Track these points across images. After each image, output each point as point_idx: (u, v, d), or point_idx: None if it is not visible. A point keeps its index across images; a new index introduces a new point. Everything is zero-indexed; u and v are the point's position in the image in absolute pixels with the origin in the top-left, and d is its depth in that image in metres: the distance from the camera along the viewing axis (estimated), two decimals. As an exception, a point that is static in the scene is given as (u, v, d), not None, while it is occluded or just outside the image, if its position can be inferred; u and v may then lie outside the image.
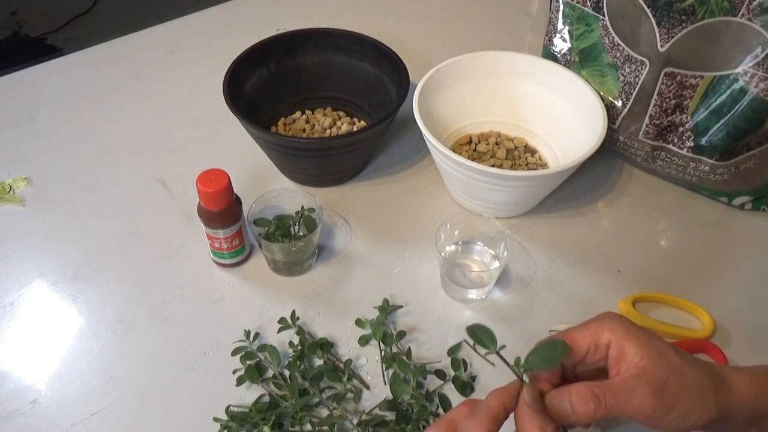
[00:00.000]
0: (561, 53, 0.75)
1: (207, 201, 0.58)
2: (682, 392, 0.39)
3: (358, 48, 0.77)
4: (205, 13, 1.02)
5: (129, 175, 0.76)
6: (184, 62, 0.92)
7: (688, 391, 0.39)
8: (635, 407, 0.38)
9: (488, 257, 0.65)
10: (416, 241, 0.68)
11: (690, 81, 0.65)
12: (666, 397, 0.39)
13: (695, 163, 0.69)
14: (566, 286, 0.65)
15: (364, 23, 0.84)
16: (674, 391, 0.39)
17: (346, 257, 0.67)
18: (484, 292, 0.63)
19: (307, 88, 0.80)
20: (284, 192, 0.65)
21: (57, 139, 0.80)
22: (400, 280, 0.65)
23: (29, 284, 0.64)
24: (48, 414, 0.55)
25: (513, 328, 0.61)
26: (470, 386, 0.56)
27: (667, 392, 0.39)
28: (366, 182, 0.75)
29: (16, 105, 0.85)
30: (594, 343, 0.41)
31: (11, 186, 0.74)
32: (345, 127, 0.78)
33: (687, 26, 0.62)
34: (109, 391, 0.56)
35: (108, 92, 0.87)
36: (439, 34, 0.98)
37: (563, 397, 0.39)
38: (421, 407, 0.53)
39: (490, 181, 0.62)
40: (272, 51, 0.76)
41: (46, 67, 0.91)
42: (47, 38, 2.18)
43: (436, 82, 0.72)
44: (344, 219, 0.71)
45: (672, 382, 0.39)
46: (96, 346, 0.59)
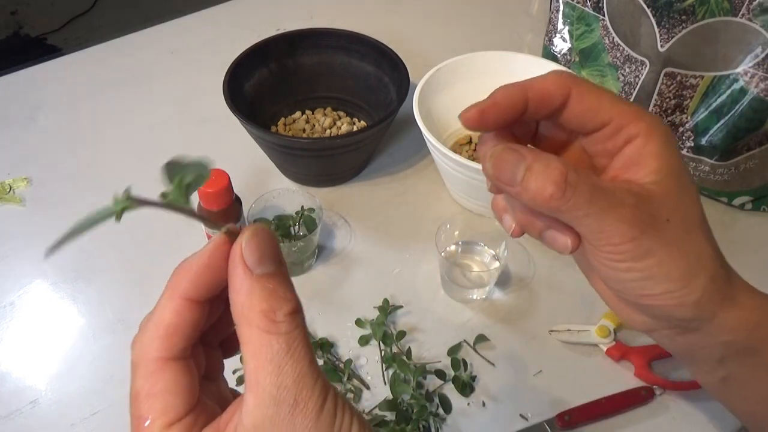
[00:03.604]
0: (561, 53, 0.75)
1: (207, 201, 0.58)
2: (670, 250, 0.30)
3: (358, 48, 0.77)
4: (205, 13, 1.02)
5: (129, 175, 0.76)
6: (184, 62, 0.92)
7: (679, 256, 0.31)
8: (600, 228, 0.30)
9: (488, 257, 0.65)
10: (416, 241, 0.68)
11: (690, 81, 0.65)
12: (645, 242, 0.30)
13: (695, 163, 0.69)
14: (566, 286, 0.65)
15: (364, 23, 0.84)
16: (663, 241, 0.30)
17: (346, 257, 0.67)
18: (484, 292, 0.63)
19: (307, 88, 0.80)
20: (284, 192, 0.65)
21: (57, 139, 0.80)
22: (400, 280, 0.65)
23: (29, 284, 0.64)
24: (48, 414, 0.55)
25: (513, 328, 0.61)
26: (470, 386, 0.56)
27: (653, 237, 0.30)
28: (366, 182, 0.75)
29: (16, 105, 0.85)
30: (618, 126, 0.31)
31: (11, 186, 0.74)
32: (345, 127, 0.78)
33: (687, 26, 0.62)
34: (109, 391, 0.56)
35: (108, 92, 0.87)
36: (439, 34, 0.98)
37: (521, 158, 0.30)
38: (421, 407, 0.53)
39: (490, 181, 0.62)
40: (272, 51, 0.76)
41: (46, 67, 0.91)
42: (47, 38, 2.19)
43: (436, 82, 0.72)
44: (344, 219, 0.71)
45: (668, 230, 0.30)
46: (96, 346, 0.59)
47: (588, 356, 0.59)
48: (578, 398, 0.55)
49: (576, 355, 0.59)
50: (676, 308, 0.32)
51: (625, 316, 0.36)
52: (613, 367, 0.58)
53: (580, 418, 0.53)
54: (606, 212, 0.29)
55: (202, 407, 0.26)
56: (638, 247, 0.30)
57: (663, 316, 0.33)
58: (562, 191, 0.29)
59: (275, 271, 0.25)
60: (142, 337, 0.27)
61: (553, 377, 0.57)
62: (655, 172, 0.31)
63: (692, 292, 0.31)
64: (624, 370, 0.58)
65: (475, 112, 0.32)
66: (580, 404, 0.54)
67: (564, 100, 0.32)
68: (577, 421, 0.53)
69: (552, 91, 0.32)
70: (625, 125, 0.31)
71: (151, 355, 0.26)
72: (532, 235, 0.35)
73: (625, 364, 0.58)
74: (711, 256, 0.32)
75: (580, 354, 0.59)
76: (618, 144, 0.32)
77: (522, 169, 0.30)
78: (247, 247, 0.25)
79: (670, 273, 0.31)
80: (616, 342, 0.58)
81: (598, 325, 0.59)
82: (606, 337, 0.58)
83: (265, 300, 0.24)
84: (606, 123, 0.32)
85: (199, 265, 0.26)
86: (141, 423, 0.26)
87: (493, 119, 0.32)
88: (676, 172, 0.31)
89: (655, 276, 0.31)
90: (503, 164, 0.30)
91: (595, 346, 0.59)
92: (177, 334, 0.26)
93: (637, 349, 0.58)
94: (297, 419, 0.24)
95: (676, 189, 0.31)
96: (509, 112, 0.32)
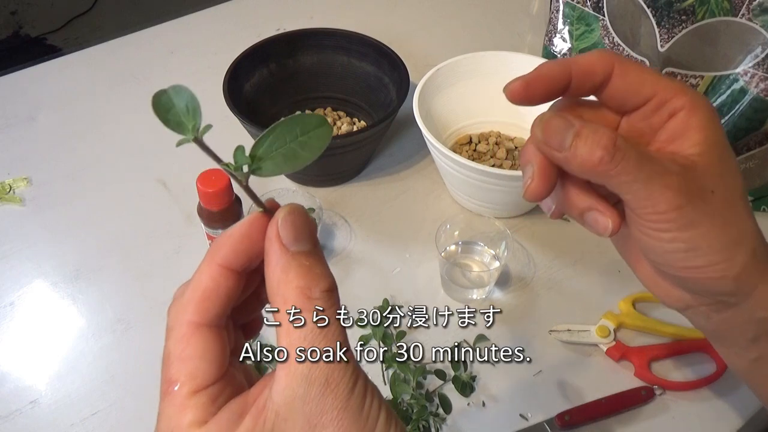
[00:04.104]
0: (561, 53, 0.75)
1: (207, 201, 0.58)
2: (714, 221, 0.30)
3: (358, 48, 0.77)
4: (205, 13, 1.02)
5: (129, 175, 0.76)
6: (184, 62, 0.92)
7: (723, 228, 0.31)
8: (647, 195, 0.30)
9: (488, 257, 0.65)
10: (416, 241, 0.68)
11: (690, 81, 0.65)
12: (691, 212, 0.30)
13: (695, 163, 0.69)
14: (566, 286, 0.64)
15: (364, 23, 0.84)
16: (708, 212, 0.30)
17: (346, 257, 0.67)
18: (484, 292, 0.63)
19: (307, 88, 0.80)
20: (284, 192, 0.65)
21: (57, 139, 0.80)
22: (400, 280, 0.65)
23: (29, 284, 0.64)
24: (48, 414, 0.55)
25: (513, 328, 0.61)
26: (470, 386, 0.56)
27: (698, 207, 0.30)
28: (366, 182, 0.75)
29: (16, 105, 0.85)
30: (661, 100, 0.32)
31: (11, 186, 0.74)
32: (345, 127, 0.78)
33: (687, 26, 0.62)
34: (109, 391, 0.56)
35: (108, 92, 0.87)
36: (439, 34, 0.98)
37: (570, 124, 0.30)
38: (421, 407, 0.53)
39: (490, 181, 0.62)
40: (272, 51, 0.76)
41: (46, 67, 0.91)
42: (47, 38, 2.18)
43: (436, 82, 0.72)
44: (344, 219, 0.71)
45: (713, 201, 0.30)
46: (96, 346, 0.59)
47: (588, 356, 0.59)
48: (578, 398, 0.55)
49: (576, 355, 0.59)
50: (717, 281, 0.32)
51: (662, 294, 0.36)
52: (613, 367, 0.58)
53: (579, 418, 0.53)
54: (653, 179, 0.29)
55: (230, 378, 0.26)
56: (683, 216, 0.30)
57: (703, 290, 0.33)
58: (611, 155, 0.29)
59: (311, 249, 0.26)
60: (179, 300, 0.27)
61: (553, 377, 0.57)
62: (699, 144, 0.31)
63: (734, 265, 0.31)
64: (624, 370, 0.58)
65: (520, 84, 0.32)
66: (579, 404, 0.54)
67: (607, 76, 0.32)
68: (576, 421, 0.53)
69: (596, 66, 0.32)
70: (668, 99, 0.32)
71: (185, 318, 0.26)
72: (573, 216, 0.34)
73: (625, 364, 0.58)
74: (753, 231, 0.32)
75: (580, 354, 0.59)
76: (662, 118, 0.32)
77: (571, 134, 0.30)
78: (283, 225, 0.25)
79: (713, 245, 0.31)
80: (616, 342, 0.58)
81: (598, 325, 0.59)
82: (606, 337, 0.58)
83: (302, 276, 0.25)
84: (649, 98, 0.32)
85: (239, 234, 0.26)
86: (170, 387, 0.25)
87: (538, 92, 0.32)
88: (721, 145, 0.31)
89: (699, 247, 0.31)
90: (552, 129, 0.31)
91: (595, 346, 0.59)
92: (211, 299, 0.26)
93: (637, 349, 0.58)
94: (328, 399, 0.24)
95: (720, 161, 0.31)
96: (553, 85, 0.32)
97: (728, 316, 0.34)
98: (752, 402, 0.55)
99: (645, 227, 0.31)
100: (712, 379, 0.56)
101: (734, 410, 0.55)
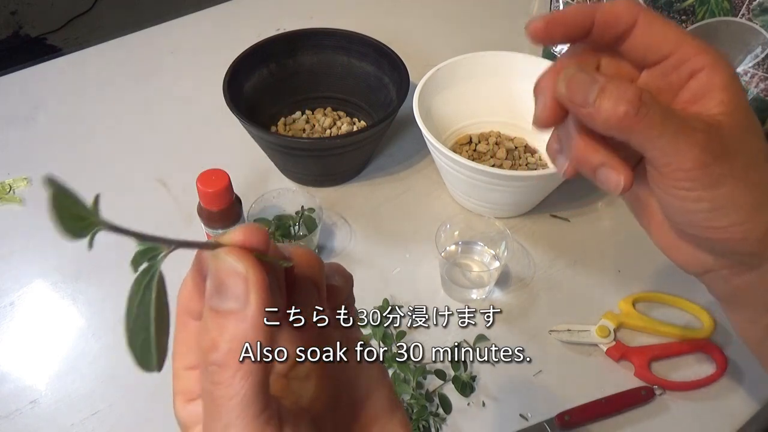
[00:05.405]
0: (561, 53, 0.75)
1: (207, 201, 0.58)
2: (739, 182, 0.30)
3: (358, 48, 0.77)
4: (205, 13, 1.02)
5: (129, 175, 0.76)
6: (184, 62, 0.92)
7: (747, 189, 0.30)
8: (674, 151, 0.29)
9: (488, 257, 0.65)
10: (416, 241, 0.68)
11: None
12: (716, 171, 0.29)
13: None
14: (566, 286, 0.64)
15: (364, 23, 0.84)
16: (732, 172, 0.30)
17: (346, 257, 0.67)
18: (484, 292, 0.63)
19: (307, 88, 0.80)
20: (284, 192, 0.65)
21: (57, 139, 0.80)
22: (400, 280, 0.65)
23: (29, 284, 0.64)
24: (48, 414, 0.55)
25: (513, 328, 0.61)
26: (470, 386, 0.56)
27: (724, 166, 0.29)
28: (366, 182, 0.75)
29: (16, 105, 0.85)
30: (682, 57, 0.31)
31: (11, 186, 0.74)
32: (345, 127, 0.78)
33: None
34: (109, 391, 0.56)
35: (108, 92, 0.87)
36: (439, 34, 0.98)
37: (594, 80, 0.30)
38: (421, 407, 0.53)
39: (490, 181, 0.62)
40: (272, 51, 0.76)
41: (46, 67, 0.91)
42: (47, 38, 2.18)
43: (436, 82, 0.72)
44: (344, 219, 0.71)
45: (738, 162, 0.30)
46: (96, 346, 0.59)
47: (588, 356, 0.59)
48: (578, 398, 0.55)
49: (576, 355, 0.59)
50: (740, 242, 0.31)
51: (680, 258, 0.35)
52: (613, 367, 0.58)
53: (579, 418, 0.53)
54: (679, 135, 0.29)
55: None
56: (709, 174, 0.29)
57: (725, 251, 0.33)
58: (637, 109, 0.28)
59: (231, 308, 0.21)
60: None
61: (553, 377, 0.57)
62: (724, 103, 0.30)
63: (758, 226, 0.31)
64: (624, 370, 0.58)
65: (542, 22, 0.32)
66: (580, 404, 0.54)
67: (630, 26, 0.32)
68: (576, 421, 0.53)
69: (620, 14, 0.32)
70: (689, 57, 0.31)
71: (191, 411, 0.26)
72: (586, 174, 0.34)
73: (625, 364, 0.58)
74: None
75: (580, 354, 0.59)
76: (682, 77, 0.31)
77: (595, 89, 0.29)
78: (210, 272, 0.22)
79: (738, 205, 0.30)
80: (616, 342, 0.58)
81: (598, 325, 0.59)
82: (606, 337, 0.58)
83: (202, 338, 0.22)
84: (669, 54, 0.31)
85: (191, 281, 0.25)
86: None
87: (558, 32, 0.32)
88: (744, 106, 0.31)
89: (723, 207, 0.30)
90: (576, 85, 0.30)
91: (595, 346, 0.59)
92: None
93: (637, 349, 0.58)
94: None
95: (745, 122, 0.31)
96: (575, 28, 0.32)
97: (748, 279, 0.33)
98: (752, 402, 0.55)
99: (669, 186, 0.31)
100: (712, 379, 0.56)
101: (734, 410, 0.55)
